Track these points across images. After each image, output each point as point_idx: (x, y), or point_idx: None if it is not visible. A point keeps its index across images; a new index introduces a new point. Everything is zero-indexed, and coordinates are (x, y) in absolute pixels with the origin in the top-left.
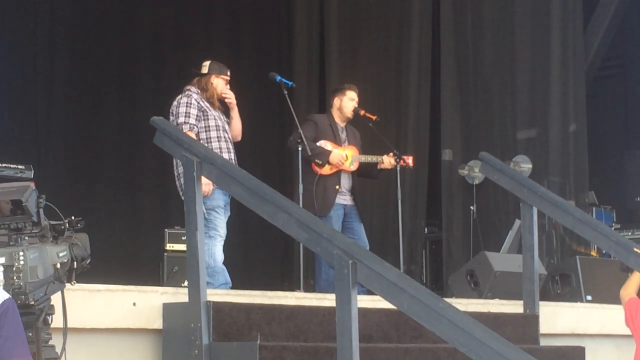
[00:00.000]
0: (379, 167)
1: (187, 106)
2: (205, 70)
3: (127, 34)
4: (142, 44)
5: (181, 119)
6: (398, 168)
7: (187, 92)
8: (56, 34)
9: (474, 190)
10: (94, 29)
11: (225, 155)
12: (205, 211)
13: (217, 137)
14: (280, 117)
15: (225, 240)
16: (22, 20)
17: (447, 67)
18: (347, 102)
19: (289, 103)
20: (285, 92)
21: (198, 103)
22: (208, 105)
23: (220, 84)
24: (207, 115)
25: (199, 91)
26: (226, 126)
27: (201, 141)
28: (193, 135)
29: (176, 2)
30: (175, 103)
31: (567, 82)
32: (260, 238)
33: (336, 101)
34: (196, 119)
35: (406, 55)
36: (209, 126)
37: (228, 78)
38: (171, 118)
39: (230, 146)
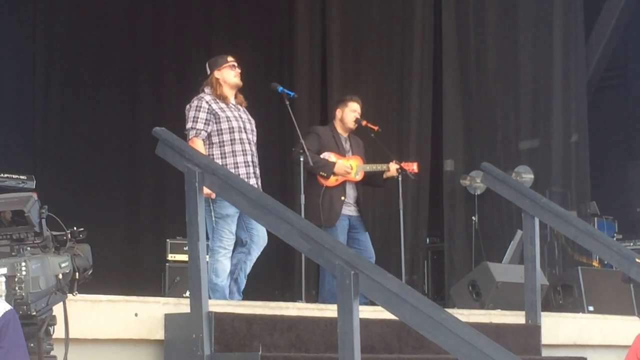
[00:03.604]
0: (384, 175)
1: (196, 110)
2: (208, 71)
3: (127, 45)
4: (142, 55)
5: (189, 124)
6: (400, 179)
7: (200, 95)
8: (54, 44)
9: (476, 200)
10: (92, 38)
11: (242, 170)
12: (214, 219)
13: (232, 139)
14: (282, 127)
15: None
16: (20, 30)
17: (449, 78)
18: (349, 113)
19: (291, 114)
20: (287, 103)
21: (209, 106)
22: (223, 105)
23: (226, 75)
24: (219, 118)
25: (212, 90)
26: (247, 125)
27: (214, 145)
28: (200, 142)
29: (176, 13)
30: (188, 106)
31: (569, 93)
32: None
33: (338, 112)
34: (205, 124)
35: (408, 65)
36: (221, 129)
37: (230, 63)
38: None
39: (248, 148)
